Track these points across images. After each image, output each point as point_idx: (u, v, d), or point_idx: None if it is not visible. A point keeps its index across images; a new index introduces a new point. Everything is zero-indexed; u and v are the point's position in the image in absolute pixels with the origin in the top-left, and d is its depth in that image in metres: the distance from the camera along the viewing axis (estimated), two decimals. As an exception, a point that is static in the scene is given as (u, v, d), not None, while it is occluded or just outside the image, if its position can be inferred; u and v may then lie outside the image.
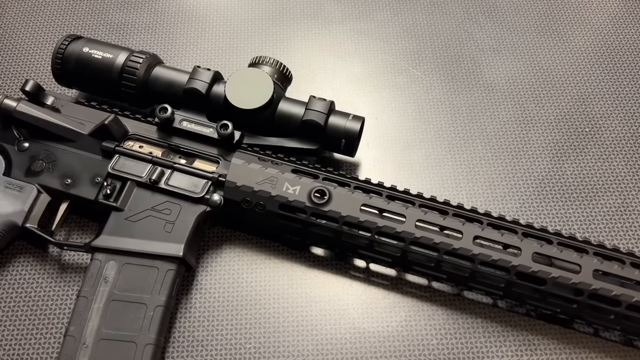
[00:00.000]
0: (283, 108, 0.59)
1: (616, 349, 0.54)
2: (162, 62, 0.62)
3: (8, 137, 0.59)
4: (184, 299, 0.57)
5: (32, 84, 0.59)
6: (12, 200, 0.56)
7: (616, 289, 0.49)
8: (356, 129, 0.58)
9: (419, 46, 0.74)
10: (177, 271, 0.53)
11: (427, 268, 0.54)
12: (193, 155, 0.58)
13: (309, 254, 0.59)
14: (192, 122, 0.58)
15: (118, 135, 0.58)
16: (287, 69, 0.62)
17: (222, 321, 0.56)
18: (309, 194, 0.54)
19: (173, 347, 0.54)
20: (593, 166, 0.65)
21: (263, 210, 0.54)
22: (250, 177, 0.55)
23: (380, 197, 0.54)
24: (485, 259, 0.51)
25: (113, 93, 0.61)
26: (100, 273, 0.53)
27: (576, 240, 0.52)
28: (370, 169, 0.64)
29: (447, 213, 0.53)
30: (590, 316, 0.52)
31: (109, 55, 0.60)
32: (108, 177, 0.56)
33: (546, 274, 0.50)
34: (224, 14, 0.76)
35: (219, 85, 0.59)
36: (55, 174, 0.57)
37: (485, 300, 0.57)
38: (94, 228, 0.60)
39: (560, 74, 0.72)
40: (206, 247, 0.59)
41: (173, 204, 0.55)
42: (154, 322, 0.51)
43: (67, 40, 0.61)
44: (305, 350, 0.54)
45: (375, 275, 0.58)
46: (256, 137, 0.59)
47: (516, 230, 0.52)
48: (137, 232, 0.54)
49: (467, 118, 0.68)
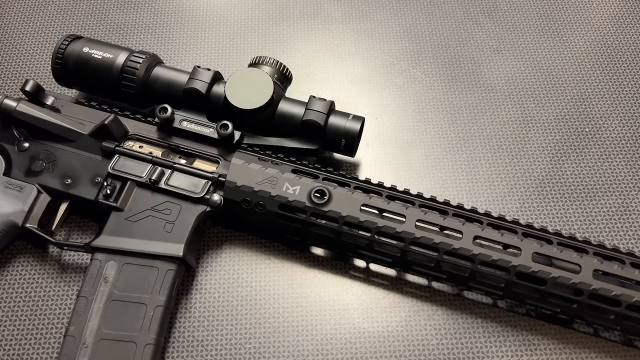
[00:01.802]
0: (283, 108, 0.59)
1: (616, 349, 0.54)
2: (162, 62, 0.62)
3: (8, 137, 0.59)
4: (183, 299, 0.57)
5: (32, 84, 0.59)
6: (12, 200, 0.56)
7: (616, 289, 0.49)
8: (356, 129, 0.58)
9: (419, 46, 0.74)
10: (177, 271, 0.53)
11: (427, 268, 0.54)
12: (193, 155, 0.58)
13: (309, 254, 0.59)
14: (192, 122, 0.58)
15: (118, 135, 0.58)
16: (287, 69, 0.62)
17: (222, 321, 0.56)
18: (309, 194, 0.54)
19: (173, 347, 0.54)
20: (593, 166, 0.65)
21: (263, 210, 0.54)
22: (250, 177, 0.55)
23: (380, 197, 0.54)
24: (485, 259, 0.51)
25: (113, 93, 0.61)
26: (100, 273, 0.53)
27: (576, 241, 0.52)
28: (370, 169, 0.64)
29: (447, 213, 0.53)
30: (590, 316, 0.52)
31: (109, 55, 0.60)
32: (108, 177, 0.56)
33: (546, 274, 0.50)
34: (224, 14, 0.76)
35: (219, 85, 0.59)
36: (55, 174, 0.57)
37: (485, 301, 0.57)
38: (93, 228, 0.60)
39: (560, 74, 0.72)
40: (206, 247, 0.59)
41: (173, 204, 0.55)
42: (154, 322, 0.51)
43: (67, 40, 0.61)
44: (305, 350, 0.54)
45: (375, 275, 0.58)
46: (256, 137, 0.59)
47: (516, 230, 0.52)
48: (137, 232, 0.54)
49: (467, 118, 0.68)
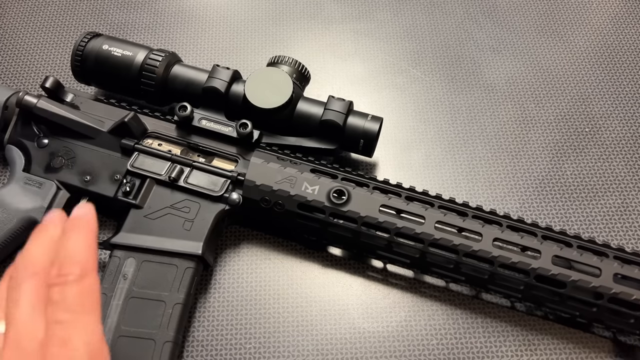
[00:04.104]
0: (302, 108, 0.59)
1: (616, 349, 0.54)
2: (181, 61, 0.62)
3: (28, 134, 0.59)
4: (201, 297, 0.57)
5: (52, 80, 0.59)
6: (32, 196, 0.57)
7: (637, 293, 0.49)
8: (375, 129, 0.58)
9: (419, 46, 0.74)
10: (196, 269, 0.53)
11: (445, 270, 0.54)
12: (212, 154, 0.58)
13: (311, 255, 0.59)
14: (211, 120, 0.58)
15: (137, 132, 0.58)
16: (306, 68, 0.62)
17: (222, 321, 0.56)
18: (327, 193, 0.54)
19: (192, 346, 0.54)
20: (593, 166, 0.65)
21: (282, 209, 0.55)
22: (269, 176, 0.55)
23: (399, 198, 0.54)
24: (505, 262, 0.51)
25: (132, 91, 0.61)
26: (119, 270, 0.53)
27: (596, 244, 0.52)
28: (370, 169, 0.64)
29: (466, 215, 0.53)
30: (609, 320, 0.51)
31: (128, 53, 0.60)
32: (127, 175, 0.57)
33: (566, 277, 0.50)
34: (224, 14, 0.76)
35: (237, 84, 0.59)
36: (74, 170, 0.58)
37: (485, 300, 0.57)
38: (111, 225, 0.60)
39: (560, 74, 0.72)
40: (223, 245, 0.59)
41: (192, 202, 0.55)
42: (172, 320, 0.51)
43: (87, 37, 0.61)
44: (305, 350, 0.54)
45: (376, 275, 0.58)
46: (275, 136, 0.59)
47: (535, 232, 0.52)
48: (156, 229, 0.54)
49: (467, 118, 0.68)
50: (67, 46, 0.73)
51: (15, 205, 0.56)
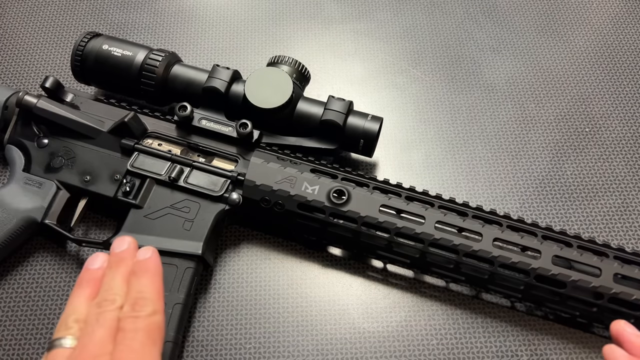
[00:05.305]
0: (302, 108, 0.59)
1: None
2: (181, 60, 0.62)
3: (28, 134, 0.59)
4: (201, 297, 0.57)
5: (52, 80, 0.59)
6: (32, 196, 0.57)
7: (637, 293, 0.49)
8: (375, 129, 0.58)
9: (419, 46, 0.74)
10: (196, 269, 0.53)
11: (445, 270, 0.54)
12: (212, 154, 0.58)
13: (311, 255, 0.59)
14: (211, 120, 0.58)
15: (137, 132, 0.58)
16: (306, 68, 0.62)
17: (222, 321, 0.56)
18: (327, 193, 0.54)
19: (192, 346, 0.54)
20: (593, 166, 0.65)
21: (282, 209, 0.55)
22: (269, 176, 0.55)
23: (399, 198, 0.54)
24: (505, 261, 0.51)
25: (132, 91, 0.61)
26: (119, 270, 0.53)
27: (596, 244, 0.52)
28: (370, 169, 0.64)
29: (466, 215, 0.53)
30: (609, 320, 0.51)
31: (128, 53, 0.60)
32: (127, 175, 0.57)
33: (566, 277, 0.50)
34: (224, 14, 0.76)
35: (238, 84, 0.59)
36: (74, 170, 0.58)
37: (485, 300, 0.57)
38: (111, 225, 0.60)
39: (560, 74, 0.72)
40: (223, 245, 0.59)
41: (192, 202, 0.55)
42: (172, 320, 0.51)
43: (87, 37, 0.61)
44: (305, 351, 0.54)
45: (376, 275, 0.58)
46: (275, 136, 0.59)
47: (536, 232, 0.52)
48: (156, 229, 0.54)
49: (467, 118, 0.68)
50: (67, 46, 0.73)
51: (15, 205, 0.56)
